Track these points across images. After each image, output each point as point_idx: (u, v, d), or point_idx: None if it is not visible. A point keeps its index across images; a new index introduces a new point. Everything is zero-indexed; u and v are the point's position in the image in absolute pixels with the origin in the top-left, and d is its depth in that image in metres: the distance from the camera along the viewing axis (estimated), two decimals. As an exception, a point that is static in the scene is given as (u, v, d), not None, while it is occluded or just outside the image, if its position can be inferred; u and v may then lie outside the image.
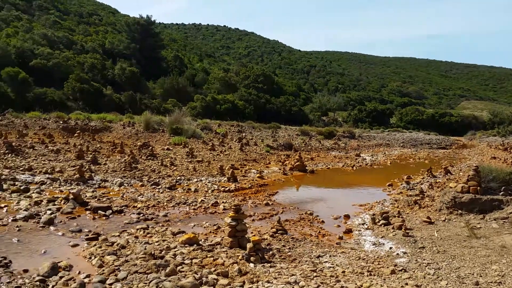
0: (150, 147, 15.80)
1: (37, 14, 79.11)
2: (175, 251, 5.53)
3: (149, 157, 14.25)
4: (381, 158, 20.27)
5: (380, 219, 7.98)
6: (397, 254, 6.11)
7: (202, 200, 8.97)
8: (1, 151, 13.19)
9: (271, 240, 6.46)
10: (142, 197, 8.94)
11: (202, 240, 6.14)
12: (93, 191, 9.15)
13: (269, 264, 5.34)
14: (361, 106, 59.61)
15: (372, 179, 14.33)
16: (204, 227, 7.10)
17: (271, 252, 5.80)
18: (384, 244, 6.66)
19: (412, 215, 8.59)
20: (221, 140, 19.87)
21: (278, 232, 6.88)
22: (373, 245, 6.64)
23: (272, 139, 23.50)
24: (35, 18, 76.01)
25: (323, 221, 8.11)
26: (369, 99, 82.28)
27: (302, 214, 8.52)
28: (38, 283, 4.35)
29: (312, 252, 6.03)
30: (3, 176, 9.56)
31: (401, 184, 12.35)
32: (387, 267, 5.41)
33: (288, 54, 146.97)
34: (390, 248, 6.43)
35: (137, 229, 6.55)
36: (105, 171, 11.70)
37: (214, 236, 6.49)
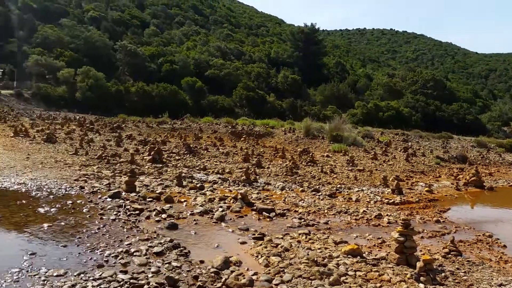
0: (310, 154, 16.02)
1: (213, 28, 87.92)
2: (338, 261, 5.42)
3: (309, 163, 14.46)
4: None
5: None
6: None
7: (364, 211, 8.66)
8: (181, 152, 14.96)
9: (443, 261, 5.84)
10: (303, 202, 9.06)
11: (366, 252, 5.88)
12: (257, 193, 9.63)
13: (441, 287, 4.83)
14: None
15: None
16: (367, 239, 6.81)
17: (443, 274, 5.23)
18: None
19: None
20: (384, 149, 19.04)
21: (451, 253, 6.18)
22: None
23: (442, 150, 21.58)
24: (211, 32, 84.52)
25: (505, 246, 7.03)
26: None
27: (479, 235, 7.53)
28: (212, 274, 4.71)
29: (492, 279, 5.25)
30: (183, 174, 10.78)
31: None
32: None
33: (462, 57, 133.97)
34: None
35: (299, 234, 6.63)
36: (268, 175, 12.26)
37: (379, 250, 6.16)
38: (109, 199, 7.66)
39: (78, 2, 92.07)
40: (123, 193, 8.13)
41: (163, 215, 6.99)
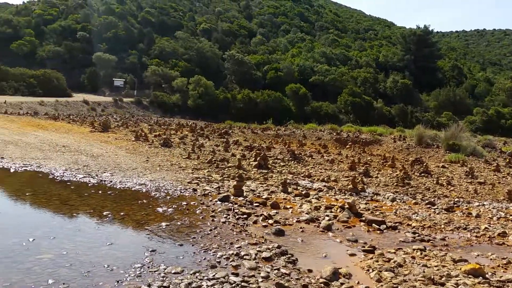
0: (423, 163, 15.01)
1: (318, 34, 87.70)
2: (457, 280, 4.95)
3: (422, 174, 13.55)
4: None
5: None
6: None
7: (485, 228, 7.82)
8: (286, 158, 15.06)
9: None
10: (416, 215, 8.48)
11: (489, 273, 5.29)
12: (365, 203, 9.26)
13: None
14: None
15: None
16: (490, 259, 6.12)
17: None
18: None
19: None
20: (508, 160, 17.12)
21: None
22: None
23: None
24: (316, 38, 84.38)
25: None
26: None
27: None
28: (322, 285, 4.60)
29: None
30: (288, 180, 10.81)
31: None
32: None
33: None
34: None
35: (414, 249, 6.19)
36: (376, 185, 11.74)
37: (504, 272, 5.50)
38: (219, 202, 7.97)
39: (192, 15, 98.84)
40: (232, 197, 8.40)
41: (270, 221, 7.05)
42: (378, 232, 7.13)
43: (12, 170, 9.78)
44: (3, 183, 9.05)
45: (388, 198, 10.02)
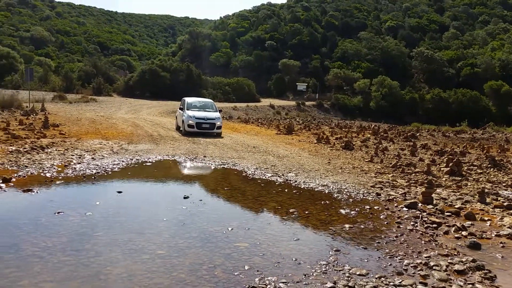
0: None
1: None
2: None
3: None
4: None
5: None
6: None
7: None
8: (484, 165, 13.39)
9: None
10: None
11: None
12: None
13: None
14: None
15: None
16: None
17: None
18: None
19: None
20: None
21: None
22: None
23: None
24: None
25: None
26: None
27: None
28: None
29: None
30: (486, 190, 9.61)
31: None
32: None
33: None
34: None
35: None
36: None
37: None
38: (405, 209, 7.61)
39: (376, 14, 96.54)
40: (419, 204, 7.92)
41: (463, 232, 6.41)
42: None
43: (212, 167, 11.19)
44: (206, 178, 10.46)
45: None
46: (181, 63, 60.21)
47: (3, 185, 7.52)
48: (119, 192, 7.91)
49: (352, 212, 7.26)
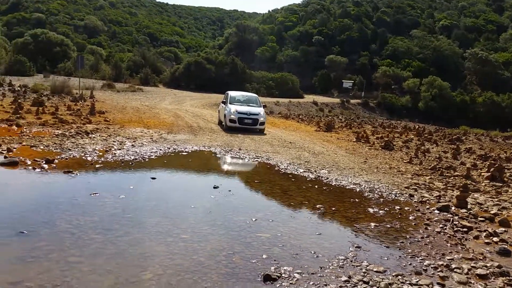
0: None
1: None
2: None
3: None
4: None
5: None
6: None
7: None
8: (532, 172, 12.74)
9: None
10: None
11: None
12: None
13: None
14: None
15: None
16: None
17: None
18: None
19: None
20: None
21: None
22: None
23: None
24: None
25: None
26: None
27: None
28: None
29: None
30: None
31: None
32: None
33: None
34: None
35: None
36: None
37: None
38: (436, 211, 7.43)
39: (430, 12, 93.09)
40: (453, 208, 7.70)
41: (495, 238, 6.20)
42: None
43: (246, 160, 11.35)
44: (238, 170, 10.64)
45: None
46: (227, 56, 60.82)
47: (46, 165, 8.03)
48: (153, 178, 8.23)
49: (380, 212, 7.19)
